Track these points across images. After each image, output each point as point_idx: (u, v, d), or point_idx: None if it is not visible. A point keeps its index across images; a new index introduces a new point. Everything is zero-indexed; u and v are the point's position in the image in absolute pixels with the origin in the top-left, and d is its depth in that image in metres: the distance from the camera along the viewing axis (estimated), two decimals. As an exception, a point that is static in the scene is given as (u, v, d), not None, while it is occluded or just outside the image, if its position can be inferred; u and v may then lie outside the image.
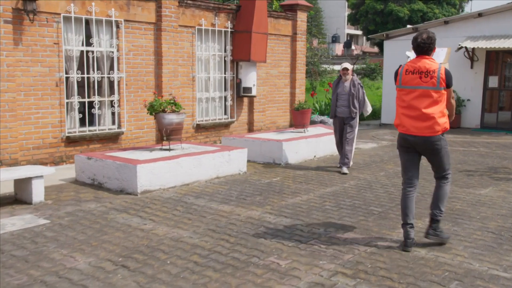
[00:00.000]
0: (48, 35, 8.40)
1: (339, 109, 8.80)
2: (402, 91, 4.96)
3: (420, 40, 4.84)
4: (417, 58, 4.93)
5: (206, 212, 6.18)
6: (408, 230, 4.91)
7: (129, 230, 5.46)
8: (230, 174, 8.26)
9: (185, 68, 10.70)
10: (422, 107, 4.82)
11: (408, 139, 4.98)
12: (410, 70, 4.88)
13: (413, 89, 4.87)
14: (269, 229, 5.50)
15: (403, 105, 4.97)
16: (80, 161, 7.68)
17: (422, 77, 4.82)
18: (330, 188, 7.49)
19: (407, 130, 4.95)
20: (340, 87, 8.81)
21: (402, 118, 4.98)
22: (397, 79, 5.00)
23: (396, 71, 5.04)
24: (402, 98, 4.97)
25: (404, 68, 4.94)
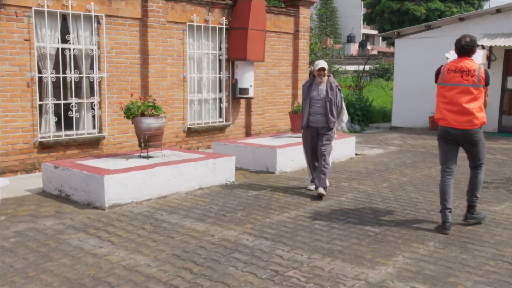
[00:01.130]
0: (17, 30, 7.68)
1: (313, 118, 7.00)
2: (444, 88, 5.48)
3: (463, 42, 5.42)
4: (459, 59, 5.49)
5: (176, 231, 5.37)
6: (447, 214, 5.40)
7: (80, 255, 4.67)
8: (216, 185, 7.45)
9: (175, 67, 9.92)
10: (463, 103, 5.34)
11: (449, 131, 5.48)
12: (452, 69, 5.43)
13: (454, 86, 5.40)
14: (244, 255, 4.68)
15: (444, 101, 5.49)
16: (47, 169, 6.94)
17: (464, 76, 5.36)
18: (324, 202, 6.64)
19: (448, 123, 5.45)
20: (314, 90, 7.00)
21: (444, 112, 5.48)
22: (439, 77, 5.53)
23: (438, 70, 5.59)
24: (444, 94, 5.49)
25: (446, 67, 5.49)
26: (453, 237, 5.23)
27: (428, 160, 9.83)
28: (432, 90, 14.99)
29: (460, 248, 4.89)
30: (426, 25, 15.65)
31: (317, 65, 6.93)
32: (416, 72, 15.65)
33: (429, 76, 15.49)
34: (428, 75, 15.47)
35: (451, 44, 15.36)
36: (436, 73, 5.63)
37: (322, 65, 6.92)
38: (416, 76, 15.66)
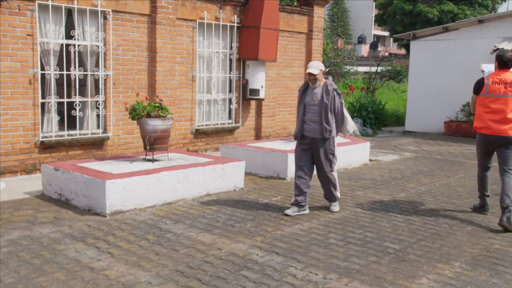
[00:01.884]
0: (20, 25, 7.34)
1: (308, 126, 6.09)
2: (488, 98, 5.92)
3: (508, 56, 5.84)
4: (499, 71, 5.91)
5: (181, 243, 5.00)
6: (486, 199, 6.31)
7: (76, 269, 4.31)
8: (224, 191, 7.07)
9: (184, 66, 9.55)
10: (508, 112, 5.81)
11: (490, 138, 6.00)
12: (496, 81, 5.85)
13: (499, 97, 5.85)
14: (253, 273, 4.30)
15: (487, 111, 5.94)
16: (47, 172, 6.59)
17: (507, 87, 5.82)
18: (338, 213, 6.24)
19: (492, 131, 5.93)
20: (308, 95, 6.09)
21: (487, 121, 5.95)
22: (484, 88, 5.93)
23: (481, 82, 5.96)
24: (487, 105, 5.93)
25: (490, 80, 5.89)
26: (481, 256, 4.82)
27: (446, 168, 9.40)
28: (448, 95, 14.69)
29: (490, 271, 4.48)
30: (444, 27, 15.18)
31: (309, 67, 6.06)
32: (431, 75, 15.20)
33: (445, 80, 15.11)
34: (444, 78, 15.08)
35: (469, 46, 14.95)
36: (479, 85, 6.00)
37: (310, 70, 5.97)
38: (432, 79, 15.21)
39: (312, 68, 6.01)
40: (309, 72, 6.01)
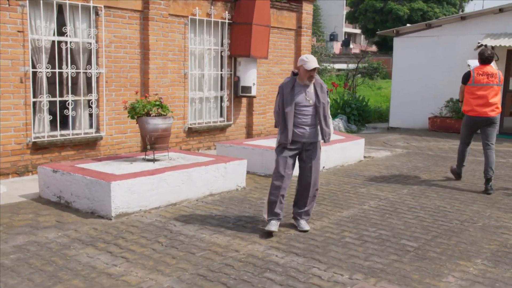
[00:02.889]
0: (10, 21, 7.04)
1: (300, 130, 5.25)
2: (474, 87, 7.31)
3: (487, 54, 7.32)
4: (482, 66, 7.34)
5: (195, 246, 4.85)
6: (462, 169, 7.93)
7: (92, 275, 4.12)
8: (226, 191, 6.93)
9: (176, 63, 9.35)
10: (489, 98, 7.23)
11: (476, 120, 7.38)
12: (480, 73, 7.28)
13: (482, 86, 7.25)
14: (277, 275, 4.18)
15: (473, 97, 7.32)
16: (45, 174, 6.33)
17: (489, 77, 7.24)
18: (347, 211, 6.17)
19: (477, 113, 7.31)
20: (299, 94, 5.20)
21: (473, 106, 7.33)
22: (470, 79, 7.33)
23: (468, 74, 7.38)
24: (474, 92, 7.32)
25: (475, 72, 7.31)
26: (500, 253, 4.81)
27: (440, 163, 9.45)
28: (432, 91, 14.83)
29: (508, 265, 4.46)
30: (427, 24, 15.31)
31: (308, 62, 5.10)
32: (415, 71, 15.30)
33: (429, 76, 15.23)
34: (428, 74, 15.20)
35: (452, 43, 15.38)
36: (466, 77, 7.42)
37: (316, 64, 5.12)
38: (416, 75, 15.32)
39: (314, 62, 5.14)
40: (314, 67, 5.09)
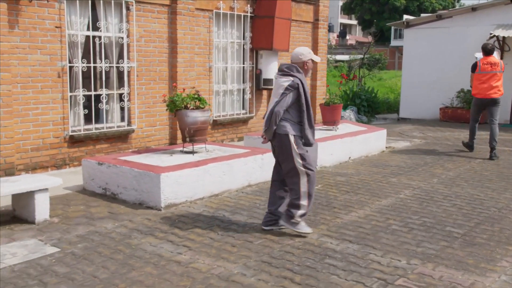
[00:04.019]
0: (49, 17, 7.16)
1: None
2: (481, 75, 9.08)
3: (489, 47, 9.20)
4: (486, 57, 9.14)
5: (250, 234, 5.03)
6: (474, 141, 9.66)
7: (162, 263, 4.30)
8: (263, 181, 7.11)
9: (202, 57, 9.49)
10: (493, 83, 9.00)
11: (483, 101, 9.18)
12: (485, 63, 9.06)
13: (487, 73, 9.03)
14: (338, 261, 4.37)
15: (480, 82, 9.10)
16: (89, 166, 6.49)
17: (492, 66, 9.04)
18: (385, 199, 6.37)
19: (484, 95, 9.10)
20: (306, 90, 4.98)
21: (480, 89, 9.13)
22: (477, 68, 9.12)
23: (476, 64, 9.21)
24: (480, 79, 9.11)
25: (481, 62, 9.10)
26: (542, 238, 5.02)
27: (462, 153, 9.65)
28: (443, 81, 15.04)
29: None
30: (437, 15, 15.47)
31: (310, 54, 5.06)
32: (425, 62, 15.49)
33: (439, 67, 15.42)
34: (438, 65, 15.39)
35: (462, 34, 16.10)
36: (474, 66, 9.29)
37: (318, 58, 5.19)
38: (426, 66, 15.50)
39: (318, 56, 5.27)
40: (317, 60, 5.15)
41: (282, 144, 4.94)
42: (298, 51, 5.07)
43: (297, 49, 5.15)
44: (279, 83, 4.93)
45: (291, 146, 4.90)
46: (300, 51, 5.06)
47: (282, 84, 4.89)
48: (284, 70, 4.96)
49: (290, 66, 4.99)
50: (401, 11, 61.91)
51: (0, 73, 6.58)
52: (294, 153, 4.90)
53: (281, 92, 4.86)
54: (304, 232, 5.00)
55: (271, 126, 4.87)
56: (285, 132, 4.89)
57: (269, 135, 4.95)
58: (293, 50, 10.94)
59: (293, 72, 4.93)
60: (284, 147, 4.93)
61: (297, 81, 4.88)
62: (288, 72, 4.93)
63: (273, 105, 4.87)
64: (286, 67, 4.97)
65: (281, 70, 5.01)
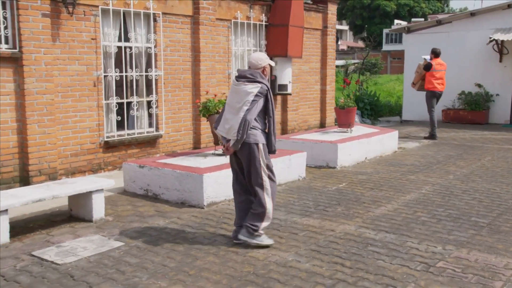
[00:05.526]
0: (85, 29, 7.58)
1: None
2: (435, 72, 11.61)
3: (438, 51, 11.74)
4: (435, 58, 11.70)
5: (293, 227, 5.46)
6: (435, 130, 11.97)
7: (221, 253, 4.72)
8: (291, 181, 7.55)
9: (221, 64, 9.93)
10: (443, 79, 11.75)
11: (436, 93, 11.76)
12: (437, 63, 11.62)
13: (439, 71, 11.62)
14: (380, 248, 4.81)
15: (434, 78, 11.64)
16: (130, 169, 6.90)
17: (441, 66, 11.69)
18: (409, 195, 6.82)
19: (437, 89, 11.70)
20: None
21: (434, 84, 11.66)
22: (432, 67, 11.57)
23: (430, 65, 11.60)
24: (434, 75, 11.63)
25: (434, 62, 11.62)
26: (561, 225, 5.49)
27: (470, 152, 10.15)
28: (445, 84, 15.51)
29: None
30: (437, 21, 16.03)
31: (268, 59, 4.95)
32: (427, 66, 16.01)
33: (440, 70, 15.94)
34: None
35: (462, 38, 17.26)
36: (430, 66, 11.64)
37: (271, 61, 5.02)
38: (428, 70, 16.02)
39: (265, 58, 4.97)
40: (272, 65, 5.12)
41: (251, 153, 4.77)
42: (257, 57, 4.89)
43: (254, 54, 4.95)
44: (245, 90, 4.69)
45: (260, 155, 4.79)
46: (259, 57, 4.89)
47: (250, 91, 4.68)
48: (248, 76, 4.75)
49: (253, 72, 4.79)
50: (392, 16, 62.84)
51: (45, 83, 6.99)
52: (262, 163, 4.81)
53: (251, 100, 4.66)
54: (266, 244, 4.84)
55: (243, 136, 4.67)
56: (255, 141, 4.75)
57: (237, 146, 4.74)
58: (304, 56, 11.48)
59: (258, 79, 4.75)
60: (253, 157, 4.77)
61: (265, 87, 4.75)
62: (254, 79, 4.74)
63: (244, 113, 4.65)
64: (250, 73, 4.77)
65: (244, 77, 4.77)
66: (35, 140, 6.94)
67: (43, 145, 7.04)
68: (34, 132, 6.93)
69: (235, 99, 4.76)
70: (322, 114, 12.85)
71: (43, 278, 4.15)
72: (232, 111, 4.76)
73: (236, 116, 4.69)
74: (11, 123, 6.79)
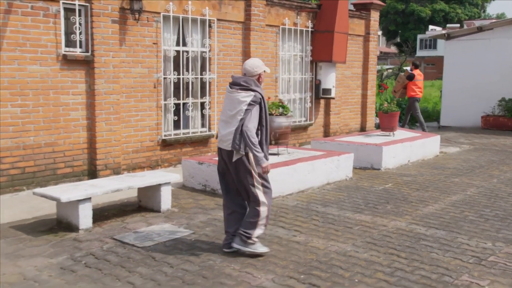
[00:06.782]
0: (148, 35, 8.11)
1: None
2: (417, 82, 13.44)
3: (418, 63, 14.15)
4: (416, 70, 13.77)
5: (347, 222, 5.82)
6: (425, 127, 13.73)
7: (283, 242, 5.12)
8: (339, 180, 7.91)
9: (269, 69, 10.34)
10: (421, 86, 13.74)
11: (419, 99, 13.73)
12: (418, 74, 13.54)
13: (420, 81, 13.56)
14: (431, 243, 5.13)
15: (416, 87, 13.49)
16: (189, 165, 7.37)
17: (421, 76, 13.77)
18: (454, 196, 7.10)
19: (419, 96, 13.63)
20: None
21: (416, 91, 13.52)
22: (414, 78, 13.38)
23: (413, 75, 13.44)
24: (416, 84, 13.45)
25: (416, 73, 13.48)
26: None
27: (512, 157, 10.34)
28: (484, 91, 15.73)
29: None
30: (478, 28, 16.14)
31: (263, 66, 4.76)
32: (466, 72, 16.12)
33: (480, 77, 16.09)
34: (479, 75, 16.01)
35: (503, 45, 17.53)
36: (412, 76, 13.41)
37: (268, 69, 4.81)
38: (467, 76, 16.13)
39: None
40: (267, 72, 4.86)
41: (242, 163, 4.62)
42: (253, 63, 4.71)
43: (250, 61, 4.77)
44: (238, 98, 4.55)
45: (251, 165, 4.64)
46: (255, 63, 4.71)
47: (242, 99, 4.53)
48: (242, 84, 4.60)
49: (247, 79, 4.63)
50: (426, 22, 62.35)
51: (112, 85, 7.53)
52: (254, 172, 4.66)
53: (244, 109, 4.51)
54: (260, 252, 4.72)
55: (240, 146, 4.54)
56: (246, 151, 4.60)
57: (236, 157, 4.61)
58: (346, 61, 11.82)
59: (252, 86, 4.58)
60: (244, 167, 4.63)
61: (259, 95, 4.60)
62: (248, 86, 4.58)
63: (239, 123, 4.53)
64: (244, 81, 4.62)
65: (237, 84, 4.62)
66: (102, 136, 7.48)
67: (109, 142, 7.57)
68: (102, 130, 7.47)
69: (227, 107, 4.64)
70: (363, 118, 13.15)
71: (128, 258, 4.63)
72: (226, 119, 4.65)
73: (230, 125, 4.58)
74: (82, 120, 7.35)
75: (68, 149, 7.24)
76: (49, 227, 5.44)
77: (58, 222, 5.52)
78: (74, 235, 5.21)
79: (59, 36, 7.01)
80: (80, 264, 4.50)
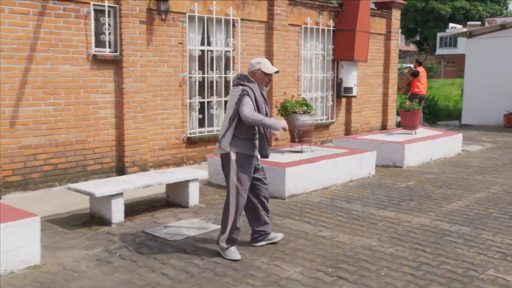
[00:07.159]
0: (174, 34, 8.28)
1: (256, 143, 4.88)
2: (421, 79, 14.08)
3: (421, 60, 15.03)
4: (419, 67, 14.28)
5: (371, 218, 5.92)
6: None
7: (310, 237, 5.24)
8: (362, 177, 8.00)
9: (292, 67, 10.47)
10: (425, 83, 14.40)
11: (422, 96, 14.10)
12: (421, 71, 14.15)
13: (424, 77, 14.24)
14: (456, 239, 5.21)
15: (421, 83, 14.09)
16: (215, 163, 7.52)
17: (424, 73, 14.43)
18: (478, 193, 7.15)
19: (423, 92, 14.21)
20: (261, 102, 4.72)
21: (420, 88, 14.05)
22: (419, 74, 13.98)
23: (417, 72, 14.00)
24: (420, 81, 14.06)
25: (420, 70, 14.08)
26: None
27: (536, 156, 10.30)
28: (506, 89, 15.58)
29: None
30: (501, 25, 16.05)
31: (267, 64, 4.76)
32: (489, 71, 16.02)
33: (503, 75, 15.98)
34: (502, 73, 15.91)
35: None
36: (416, 73, 13.97)
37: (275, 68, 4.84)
38: (489, 75, 16.03)
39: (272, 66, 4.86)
40: (275, 70, 4.83)
41: (227, 161, 4.71)
42: (253, 61, 4.81)
43: (256, 58, 4.95)
44: (232, 94, 4.72)
45: (231, 165, 4.65)
46: (254, 61, 4.79)
47: (234, 94, 4.66)
48: (236, 80, 4.75)
49: (241, 76, 4.76)
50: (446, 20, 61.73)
51: (139, 84, 7.72)
52: (232, 173, 4.67)
53: (234, 103, 4.59)
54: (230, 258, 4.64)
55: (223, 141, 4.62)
56: (231, 150, 4.63)
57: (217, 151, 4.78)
58: (369, 60, 11.87)
59: (243, 82, 4.68)
60: (227, 165, 4.72)
61: (247, 89, 4.60)
62: (239, 82, 4.70)
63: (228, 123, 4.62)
64: (238, 77, 4.76)
65: (235, 81, 4.81)
66: (130, 134, 7.68)
67: (137, 139, 7.77)
68: (130, 127, 7.67)
69: (228, 104, 4.76)
70: (384, 117, 13.19)
71: (160, 250, 4.79)
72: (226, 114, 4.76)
73: (225, 120, 4.69)
74: (111, 118, 7.55)
75: (98, 147, 7.45)
76: (83, 221, 5.64)
77: (91, 216, 5.72)
78: (107, 229, 5.40)
79: (90, 37, 7.22)
80: (115, 256, 4.68)
